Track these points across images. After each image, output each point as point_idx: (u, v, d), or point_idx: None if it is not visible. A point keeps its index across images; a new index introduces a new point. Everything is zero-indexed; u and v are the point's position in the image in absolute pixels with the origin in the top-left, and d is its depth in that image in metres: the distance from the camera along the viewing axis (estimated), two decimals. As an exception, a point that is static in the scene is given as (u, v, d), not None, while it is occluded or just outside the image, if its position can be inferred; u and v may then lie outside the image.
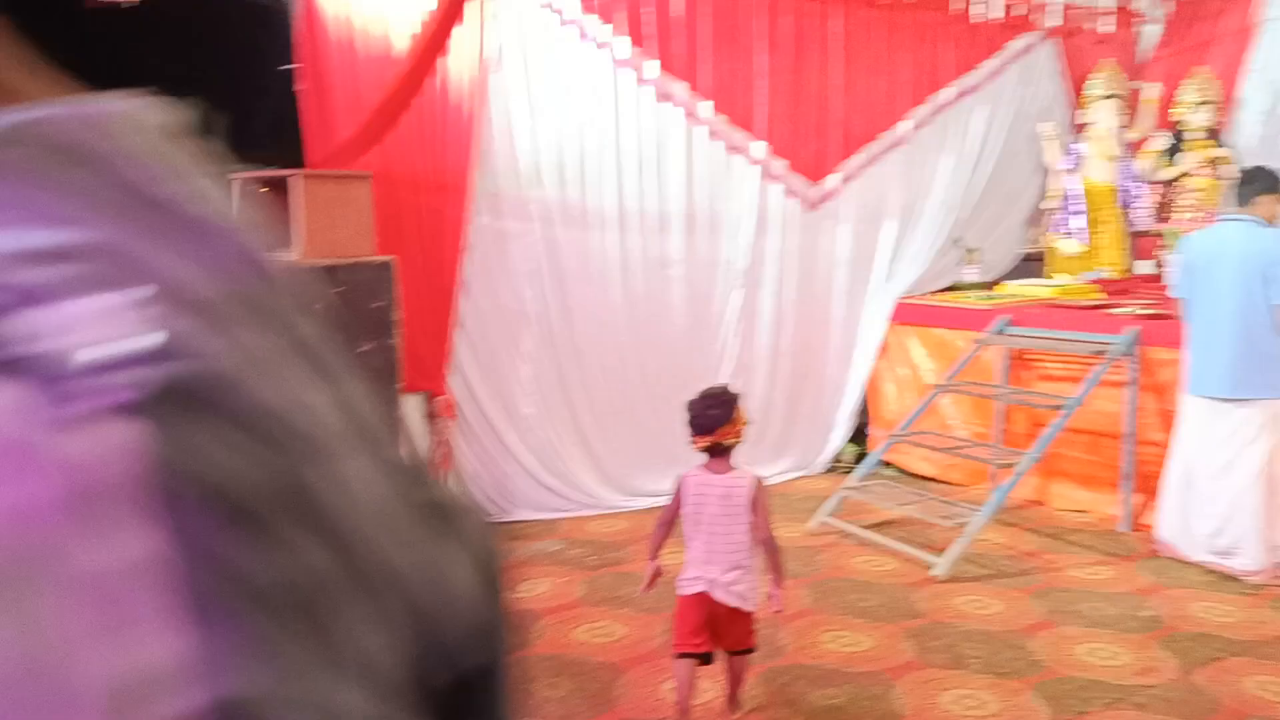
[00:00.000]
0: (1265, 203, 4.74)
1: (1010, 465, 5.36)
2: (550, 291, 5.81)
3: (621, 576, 4.91)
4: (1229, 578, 4.77)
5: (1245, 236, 4.70)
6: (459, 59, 5.34)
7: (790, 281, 6.58)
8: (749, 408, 6.43)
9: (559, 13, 5.61)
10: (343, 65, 5.10)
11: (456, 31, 5.26)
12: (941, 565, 4.88)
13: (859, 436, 6.98)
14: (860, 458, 6.52)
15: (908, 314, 6.82)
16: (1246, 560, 4.72)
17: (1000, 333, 6.11)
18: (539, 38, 5.61)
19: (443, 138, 5.38)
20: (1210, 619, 4.38)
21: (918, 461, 6.58)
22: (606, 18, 5.70)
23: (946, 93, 6.99)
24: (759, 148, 6.32)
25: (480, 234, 5.56)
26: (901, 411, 6.48)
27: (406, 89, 4.45)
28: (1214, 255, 4.80)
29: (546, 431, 5.84)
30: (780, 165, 6.42)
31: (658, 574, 3.53)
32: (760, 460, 5.97)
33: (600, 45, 5.73)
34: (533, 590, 4.74)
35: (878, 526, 5.61)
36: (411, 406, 5.54)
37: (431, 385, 5.49)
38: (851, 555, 5.21)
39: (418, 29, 5.09)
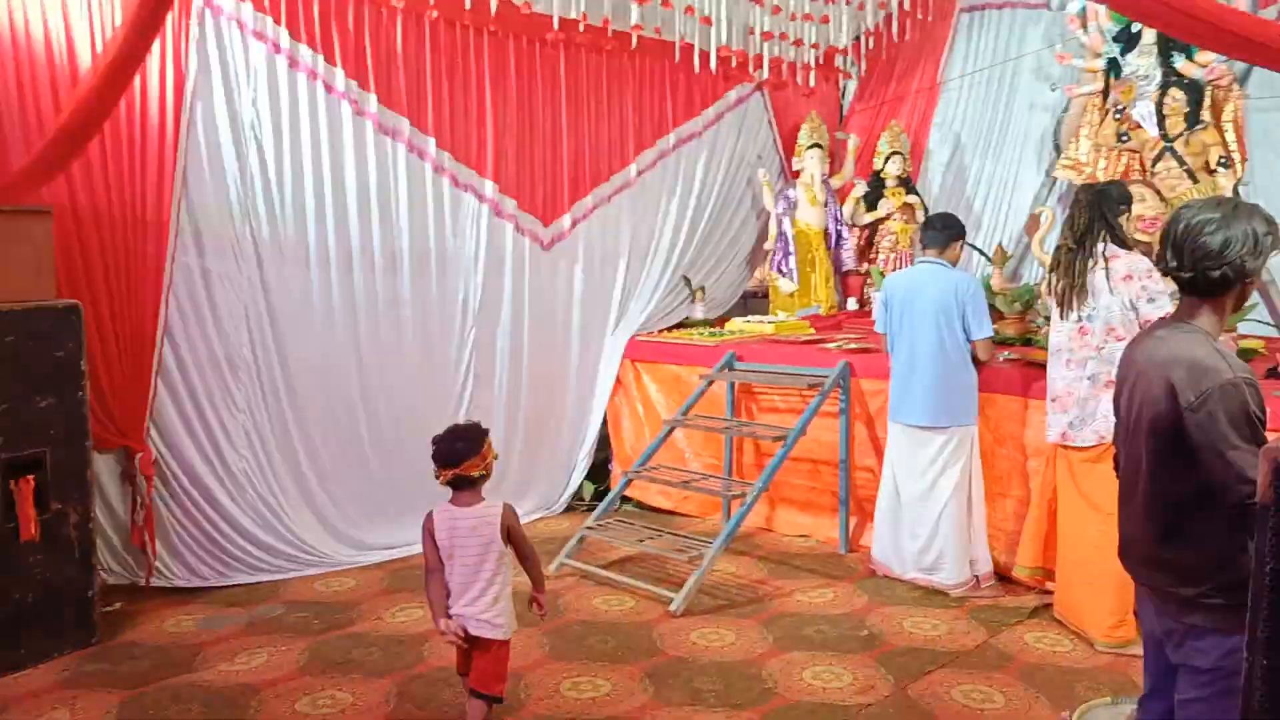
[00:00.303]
0: (952, 248, 5.20)
1: (741, 496, 5.54)
2: (265, 336, 5.41)
3: (350, 639, 4.60)
4: (935, 592, 5.14)
5: (935, 278, 5.13)
6: (156, 81, 4.91)
7: (526, 321, 6.52)
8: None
9: (268, 40, 5.28)
10: (14, 84, 4.54)
11: (155, 51, 4.82)
12: (678, 600, 4.93)
13: (602, 473, 7.01)
14: (601, 495, 6.54)
15: (641, 351, 6.95)
16: (948, 575, 5.11)
17: (727, 368, 6.34)
18: (248, 65, 5.25)
19: (138, 168, 4.90)
20: (920, 633, 4.68)
21: (655, 495, 6.68)
22: (317, 48, 5.43)
23: (669, 139, 7.21)
24: (488, 186, 6.24)
25: (185, 274, 5.10)
26: (640, 447, 6.57)
27: (93, 112, 3.99)
28: (909, 294, 5.22)
29: (263, 487, 5.41)
30: (510, 204, 6.37)
31: (458, 633, 3.36)
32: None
33: (313, 76, 5.44)
34: (248, 663, 4.34)
35: (618, 564, 5.62)
36: (106, 465, 4.97)
37: (129, 441, 4.96)
38: (592, 596, 5.18)
39: (106, 44, 4.61)
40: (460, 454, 3.33)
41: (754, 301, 8.36)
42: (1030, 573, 4.89)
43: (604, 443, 7.02)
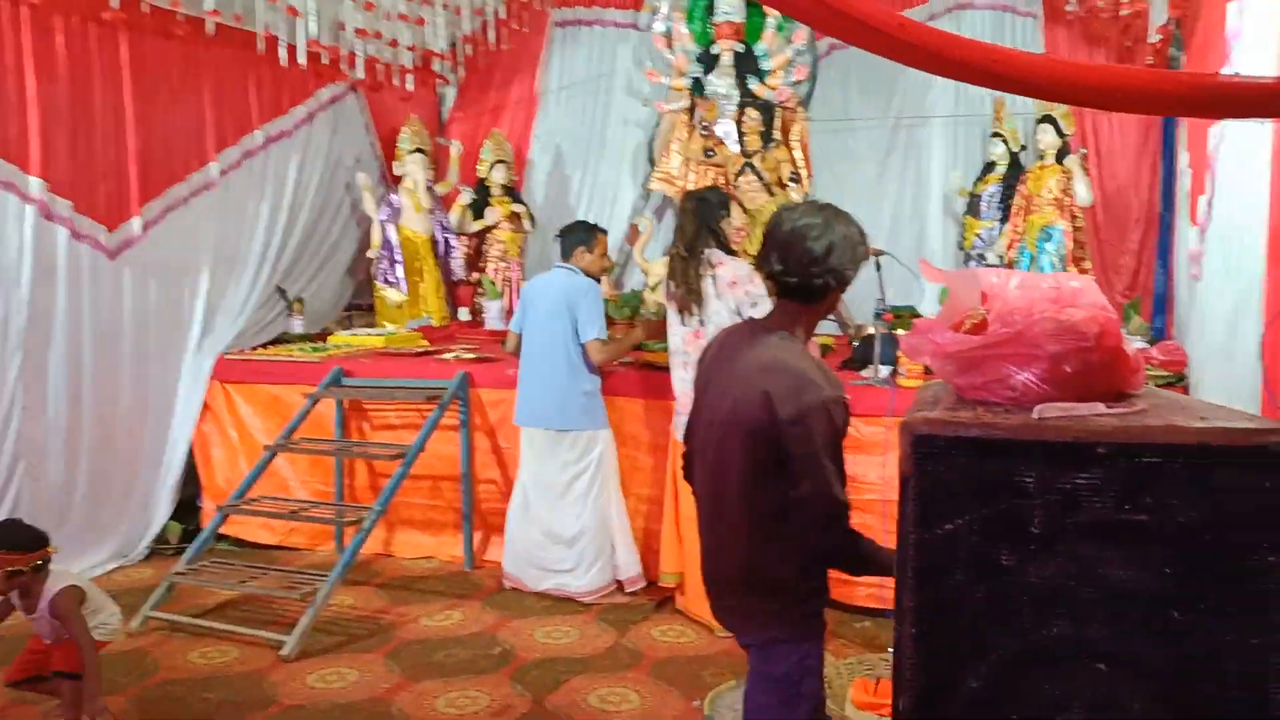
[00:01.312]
0: (580, 254, 5.15)
1: (356, 522, 5.13)
2: None
3: None
4: (565, 599, 5.08)
5: (555, 283, 5.09)
6: None
7: (87, 341, 5.57)
8: (43, 493, 5.31)
9: None
10: None
11: None
12: (290, 643, 4.44)
13: (191, 512, 6.20)
14: (191, 535, 5.77)
15: (233, 371, 6.25)
16: (585, 583, 5.06)
17: (334, 385, 5.88)
18: None
19: None
20: (552, 643, 4.59)
21: (258, 530, 6.03)
22: None
23: (256, 136, 6.59)
24: (33, 184, 5.26)
25: None
26: (236, 479, 5.88)
27: None
28: (535, 297, 5.16)
29: None
30: (64, 206, 5.42)
31: None
32: (69, 555, 4.90)
33: None
34: None
35: (217, 611, 4.97)
36: None
37: None
38: (187, 650, 4.52)
39: None
40: None
41: (361, 313, 7.90)
42: (675, 578, 4.90)
43: (191, 477, 6.21)
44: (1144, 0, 5.22)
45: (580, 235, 5.22)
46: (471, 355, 5.99)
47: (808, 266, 2.31)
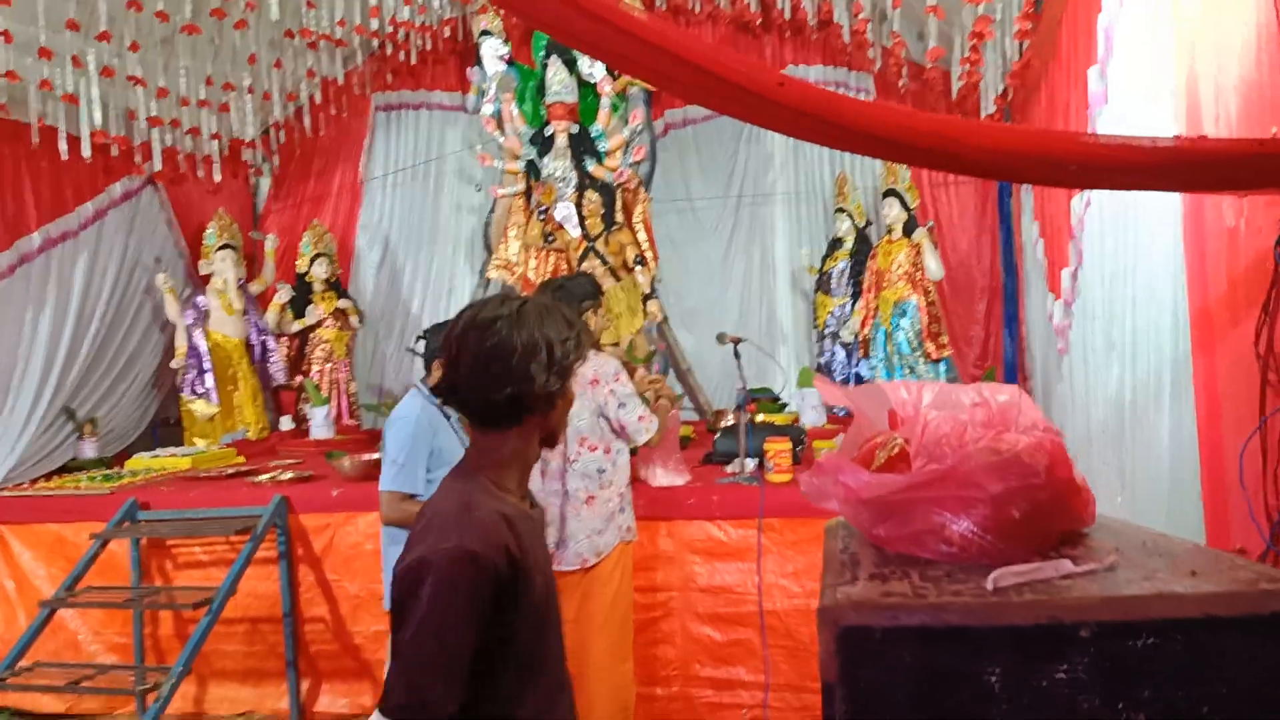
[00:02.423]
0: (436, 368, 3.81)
1: (154, 689, 4.34)
2: None
3: None
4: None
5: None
6: None
7: None
8: None
9: None
10: None
11: None
12: None
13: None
14: (-49, 715, 4.82)
15: (9, 510, 5.34)
16: None
17: (128, 521, 5.07)
18: None
19: None
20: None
21: (40, 699, 5.09)
22: None
23: (32, 240, 5.79)
24: None
25: None
26: (11, 638, 4.96)
27: None
28: None
29: None
30: None
31: None
32: None
33: None
34: None
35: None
36: None
37: None
38: None
39: None
40: None
41: (167, 430, 7.05)
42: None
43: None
44: (978, 73, 5.16)
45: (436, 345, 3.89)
46: (290, 475, 5.30)
47: (484, 378, 1.68)
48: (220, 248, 6.72)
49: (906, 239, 6.03)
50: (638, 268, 6.72)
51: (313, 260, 7.11)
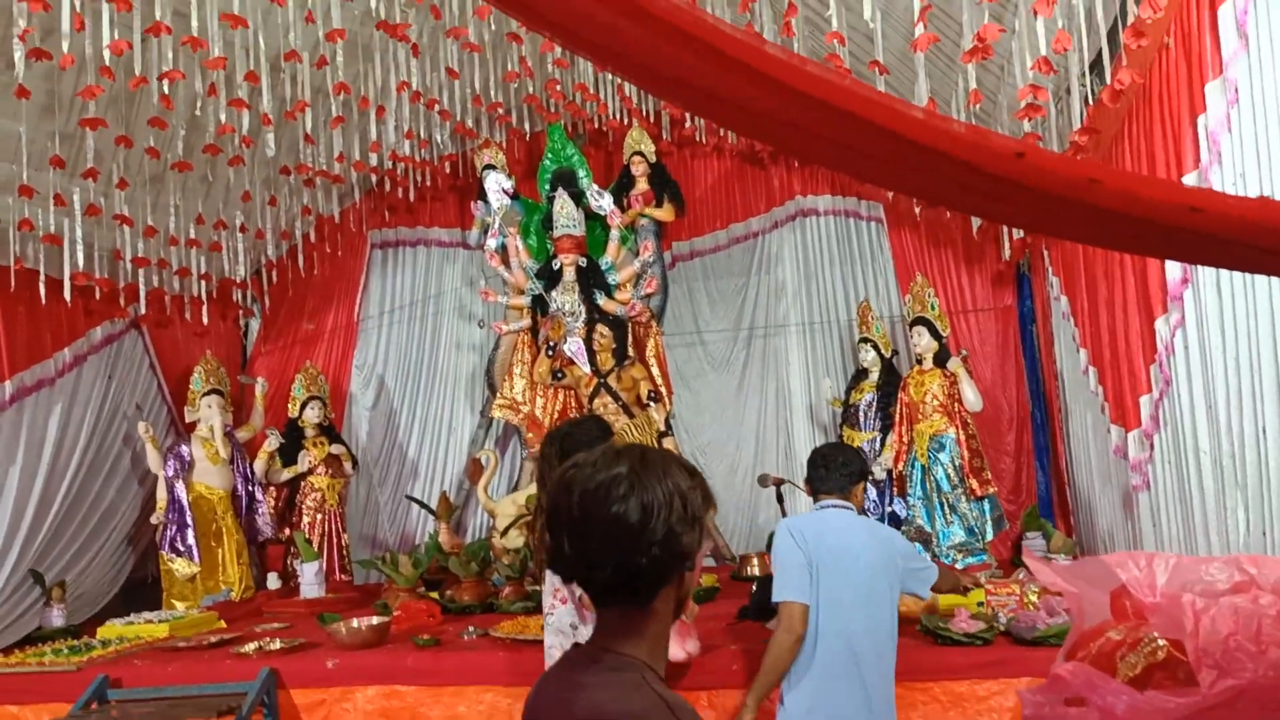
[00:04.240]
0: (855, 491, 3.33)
1: None
2: None
3: None
4: None
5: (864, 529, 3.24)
6: None
7: None
8: None
9: None
10: None
11: None
12: None
13: None
14: None
15: (-42, 691, 4.76)
16: None
17: (96, 701, 4.49)
18: None
19: None
20: None
21: None
22: None
23: (5, 388, 5.38)
24: None
25: None
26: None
27: None
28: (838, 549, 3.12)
29: None
30: None
31: None
32: None
33: None
34: None
35: None
36: None
37: None
38: None
39: None
40: None
41: (142, 591, 6.46)
42: None
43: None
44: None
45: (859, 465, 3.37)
46: (279, 644, 4.75)
47: (623, 546, 1.43)
48: (206, 393, 6.30)
49: (939, 369, 5.70)
50: (651, 404, 6.35)
51: (304, 404, 6.69)
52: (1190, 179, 2.97)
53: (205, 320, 6.43)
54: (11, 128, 4.85)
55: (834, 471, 3.23)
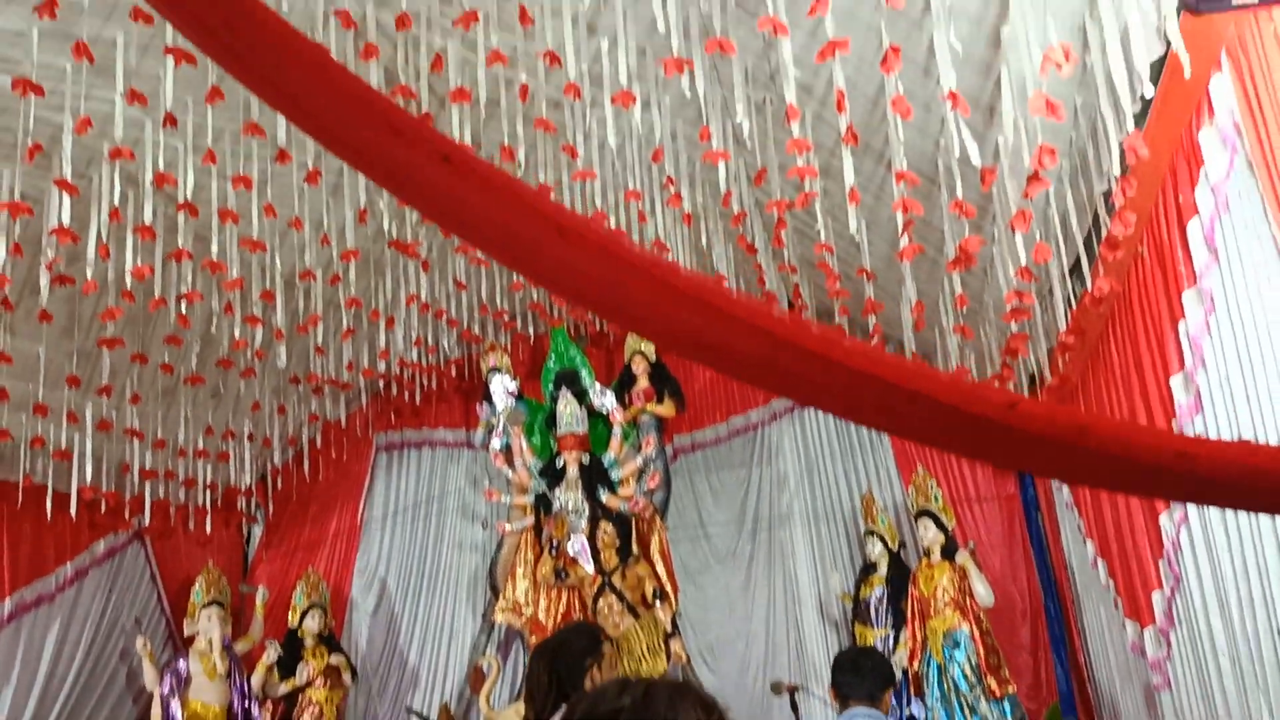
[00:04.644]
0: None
1: None
2: None
3: None
4: None
5: None
6: None
7: None
8: None
9: None
10: None
11: None
12: None
13: None
14: None
15: None
16: None
17: None
18: None
19: None
20: None
21: None
22: None
23: (3, 607, 5.32)
24: None
25: None
26: None
27: None
28: None
29: None
30: None
31: None
32: None
33: None
34: None
35: None
36: None
37: None
38: None
39: None
40: None
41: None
42: None
43: None
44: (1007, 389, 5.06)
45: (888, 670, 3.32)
46: None
47: None
48: (207, 604, 6.21)
49: (948, 562, 5.65)
50: (657, 603, 6.25)
51: (304, 613, 6.57)
52: (1177, 381, 3.07)
53: (209, 529, 6.42)
54: (31, 349, 5.00)
55: (864, 677, 3.16)
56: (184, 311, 4.93)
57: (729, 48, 3.43)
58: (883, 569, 6.20)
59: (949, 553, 5.69)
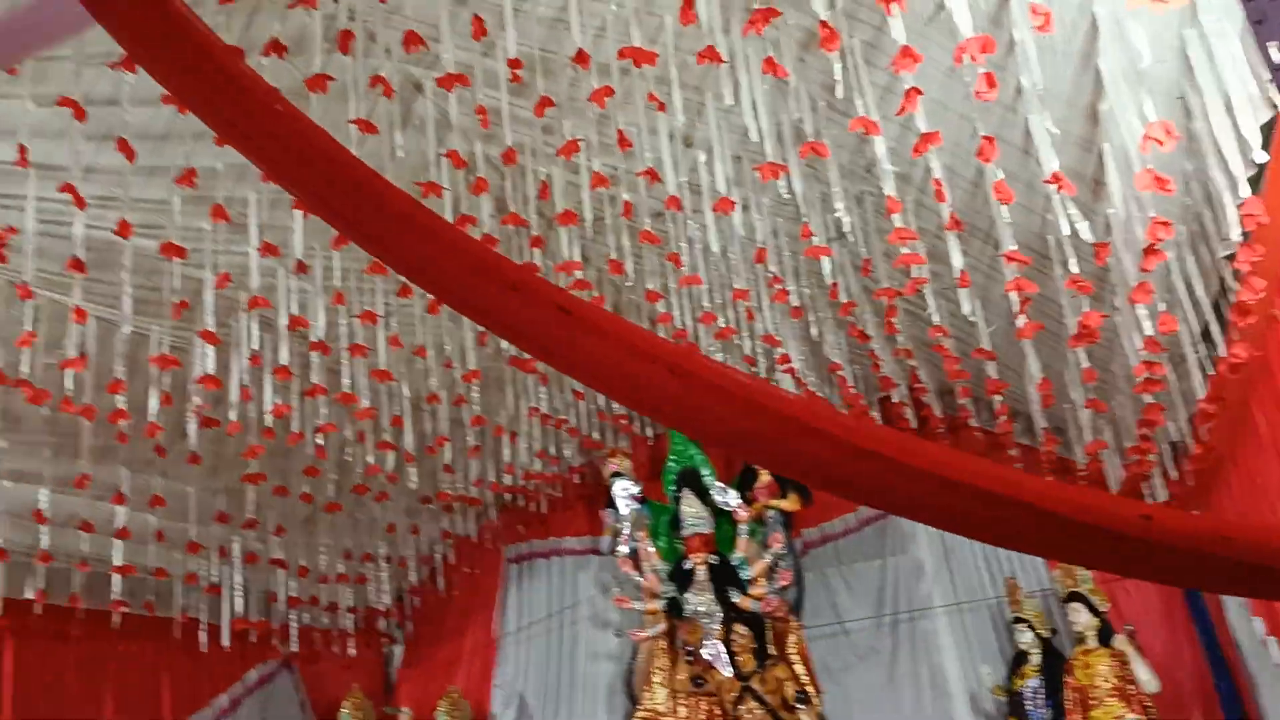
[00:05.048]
0: None
1: None
2: None
3: None
4: None
5: None
6: None
7: None
8: None
9: None
10: None
11: None
12: None
13: None
14: None
15: None
16: None
17: None
18: None
19: None
20: None
21: None
22: None
23: (168, 739, 5.54)
24: None
25: None
26: None
27: None
28: None
29: None
30: None
31: None
32: None
33: None
34: None
35: None
36: None
37: None
38: None
39: None
40: None
41: None
42: None
43: None
44: (1148, 461, 4.83)
45: None
46: None
47: None
48: (354, 729, 6.34)
49: (1105, 648, 5.35)
50: (800, 706, 6.07)
51: (448, 732, 6.64)
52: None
53: (353, 652, 6.57)
54: (182, 490, 5.31)
55: None
56: (320, 443, 5.16)
57: (823, 150, 3.48)
58: (1035, 658, 5.88)
59: (1105, 638, 5.38)
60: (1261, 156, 2.67)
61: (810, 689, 6.19)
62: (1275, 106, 2.57)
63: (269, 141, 1.62)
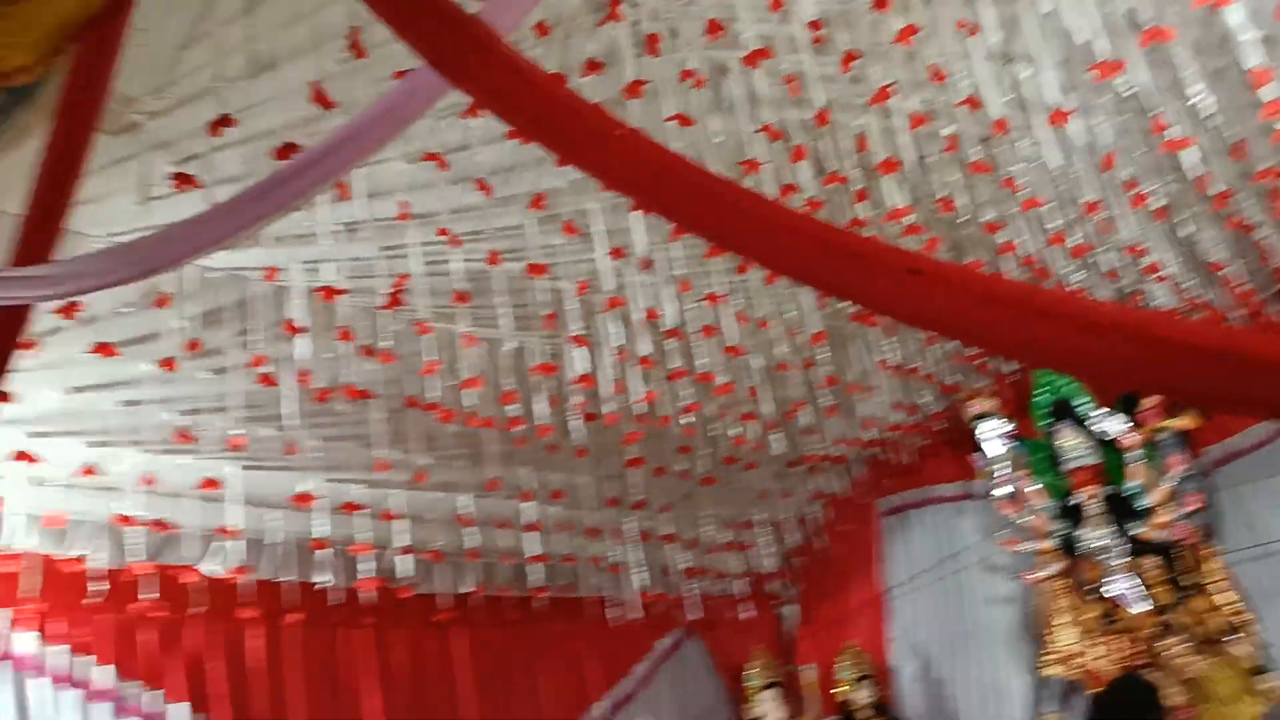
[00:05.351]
0: None
1: None
2: None
3: None
4: None
5: None
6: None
7: None
8: None
9: (82, 685, 4.29)
10: None
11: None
12: None
13: None
14: None
15: None
16: None
17: None
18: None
19: None
20: None
21: None
22: (155, 682, 4.44)
23: (600, 708, 6.13)
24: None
25: None
26: None
27: None
28: None
29: None
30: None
31: None
32: None
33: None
34: None
35: None
36: None
37: None
38: None
39: None
40: None
41: None
42: None
43: None
44: None
45: None
46: None
47: None
48: (764, 687, 6.64)
49: None
50: (1230, 638, 5.55)
51: (855, 685, 6.75)
52: None
53: (749, 615, 6.89)
54: (575, 481, 5.84)
55: None
56: (687, 422, 5.47)
57: (1167, 34, 3.17)
58: None
59: None
60: None
61: (1239, 618, 5.65)
62: None
63: (601, 155, 1.78)
